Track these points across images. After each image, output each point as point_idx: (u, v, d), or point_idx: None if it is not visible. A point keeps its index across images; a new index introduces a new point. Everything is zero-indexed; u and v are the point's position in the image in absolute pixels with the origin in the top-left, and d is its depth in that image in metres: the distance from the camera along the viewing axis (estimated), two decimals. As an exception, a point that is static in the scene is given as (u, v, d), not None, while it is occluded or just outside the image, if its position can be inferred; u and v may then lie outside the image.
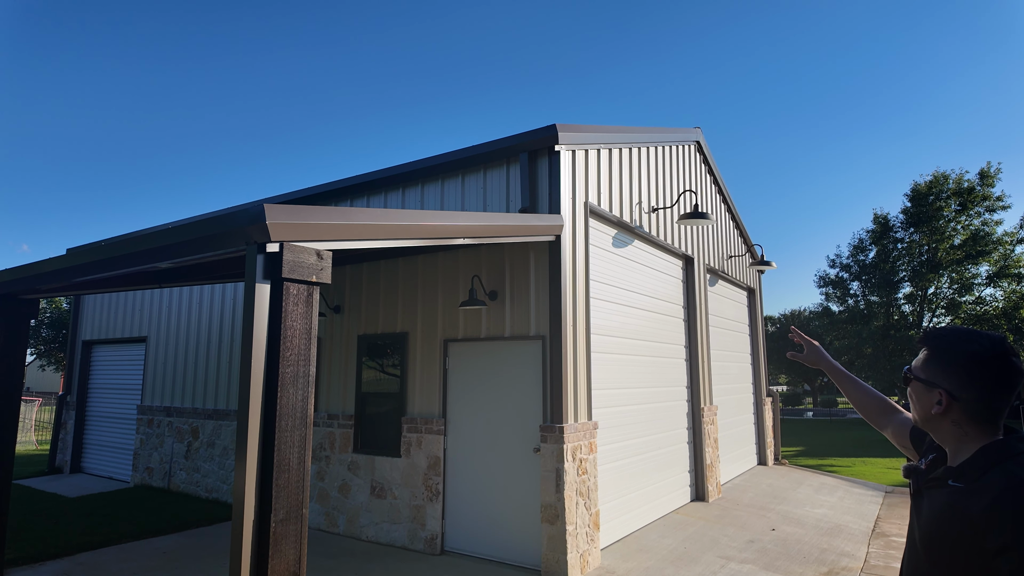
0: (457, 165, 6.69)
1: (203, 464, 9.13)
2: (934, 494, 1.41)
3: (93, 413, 11.60)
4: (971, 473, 1.35)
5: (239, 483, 2.85)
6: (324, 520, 7.24)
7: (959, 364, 1.39)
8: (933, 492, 1.42)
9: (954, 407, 1.39)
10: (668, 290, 8.77)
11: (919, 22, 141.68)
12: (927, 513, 1.41)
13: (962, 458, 1.39)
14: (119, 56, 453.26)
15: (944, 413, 1.41)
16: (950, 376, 1.40)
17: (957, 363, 1.40)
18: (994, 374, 1.36)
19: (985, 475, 1.32)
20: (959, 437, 1.41)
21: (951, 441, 1.43)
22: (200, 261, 3.80)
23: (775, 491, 9.88)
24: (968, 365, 1.38)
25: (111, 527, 7.35)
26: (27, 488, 9.94)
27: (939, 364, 1.43)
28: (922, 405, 1.46)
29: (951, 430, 1.42)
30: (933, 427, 1.46)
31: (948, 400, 1.39)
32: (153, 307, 10.53)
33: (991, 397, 1.36)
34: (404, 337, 6.96)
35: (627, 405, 7.20)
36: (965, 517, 1.30)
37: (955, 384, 1.39)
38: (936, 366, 1.44)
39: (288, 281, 3.04)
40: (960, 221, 22.42)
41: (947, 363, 1.41)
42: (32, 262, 4.48)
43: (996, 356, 1.36)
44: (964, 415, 1.39)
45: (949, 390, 1.39)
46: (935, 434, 1.47)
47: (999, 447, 1.35)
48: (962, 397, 1.38)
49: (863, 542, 7.15)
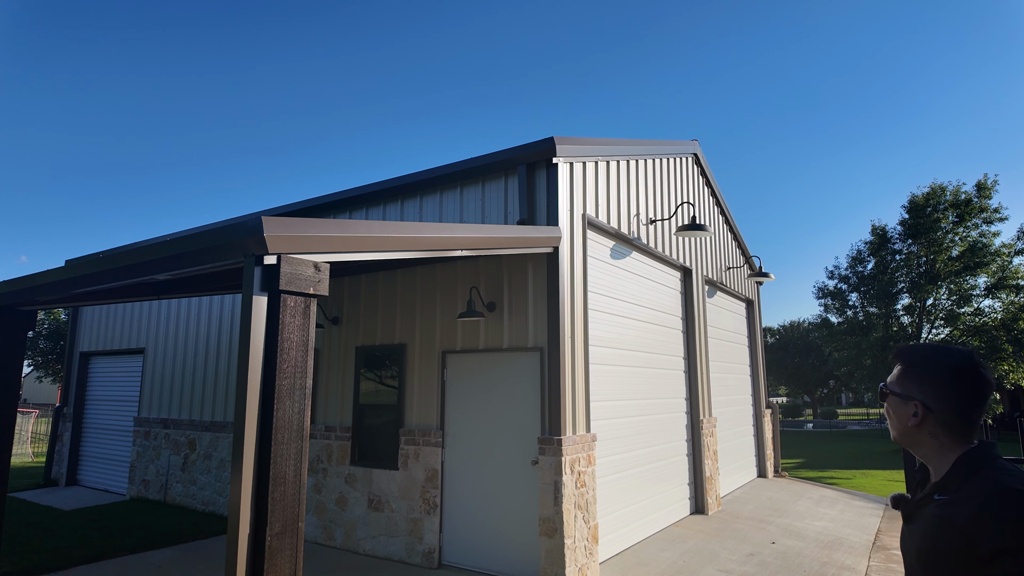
0: (455, 177, 6.72)
1: (200, 476, 9.07)
2: (924, 512, 1.43)
3: (90, 425, 11.55)
4: (953, 483, 1.38)
5: (234, 496, 2.84)
6: (321, 533, 7.19)
7: (933, 377, 1.44)
8: (924, 511, 1.44)
9: (929, 418, 1.43)
10: (666, 302, 8.78)
11: (916, 36, 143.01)
12: (920, 531, 1.43)
13: (943, 470, 1.43)
14: (118, 66, 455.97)
15: (920, 425, 1.45)
16: (925, 389, 1.44)
17: (931, 376, 1.44)
18: (967, 385, 1.40)
19: (966, 483, 1.35)
20: (937, 449, 1.44)
21: (931, 454, 1.46)
22: (198, 273, 3.80)
23: (775, 504, 9.83)
24: (942, 377, 1.42)
25: (106, 541, 7.29)
26: (22, 501, 9.86)
27: (914, 378, 1.47)
28: (899, 418, 1.49)
29: (929, 442, 1.45)
30: (912, 441, 1.49)
31: (924, 412, 1.43)
32: (151, 319, 10.52)
33: (966, 407, 1.40)
34: (402, 348, 6.95)
35: (626, 417, 7.17)
36: (954, 527, 1.31)
37: (930, 396, 1.43)
38: (911, 380, 1.48)
39: (285, 293, 3.04)
40: (958, 233, 22.48)
41: (922, 376, 1.46)
42: (30, 274, 4.48)
43: (968, 368, 1.41)
44: (940, 426, 1.42)
45: (924, 402, 1.43)
46: (915, 448, 1.50)
47: (975, 454, 1.39)
48: (937, 408, 1.42)
49: (864, 555, 7.10)
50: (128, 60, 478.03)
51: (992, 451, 1.39)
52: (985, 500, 1.29)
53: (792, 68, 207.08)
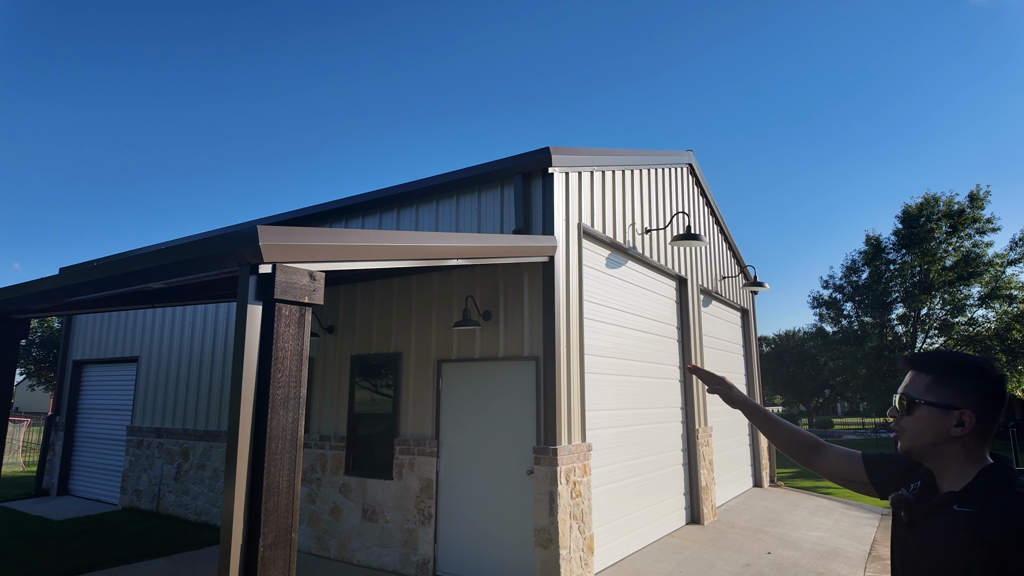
0: (452, 186, 6.74)
1: (193, 486, 9.01)
2: (938, 521, 1.38)
3: (82, 434, 11.46)
4: (980, 497, 1.34)
5: (227, 506, 2.82)
6: (315, 544, 7.13)
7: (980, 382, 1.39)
8: (936, 519, 1.39)
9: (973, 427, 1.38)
10: (662, 311, 8.80)
11: (910, 48, 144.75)
12: (933, 543, 1.38)
13: (963, 482, 1.39)
14: (114, 74, 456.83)
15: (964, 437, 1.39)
16: (970, 397, 1.39)
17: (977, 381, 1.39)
18: (1002, 392, 1.39)
19: (994, 497, 1.32)
20: (963, 460, 1.40)
21: (954, 465, 1.41)
22: (193, 281, 3.80)
23: (771, 514, 9.81)
24: (984, 385, 1.39)
25: (97, 551, 7.22)
26: (12, 511, 9.76)
27: (954, 386, 1.41)
28: (934, 429, 1.41)
29: (958, 453, 1.40)
30: (940, 453, 1.43)
31: (973, 420, 1.37)
32: (145, 327, 10.47)
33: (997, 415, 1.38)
34: (397, 357, 6.94)
35: (621, 426, 7.16)
36: (983, 542, 1.28)
37: (976, 404, 1.38)
38: (951, 388, 1.41)
39: (280, 302, 3.04)
40: (951, 243, 22.63)
41: (962, 381, 1.40)
42: (24, 282, 4.46)
43: (1000, 376, 1.39)
44: (977, 436, 1.39)
45: (972, 411, 1.38)
46: (936, 459, 1.44)
47: (1000, 468, 1.37)
48: (983, 417, 1.38)
49: (860, 566, 7.08)
50: (124, 67, 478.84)
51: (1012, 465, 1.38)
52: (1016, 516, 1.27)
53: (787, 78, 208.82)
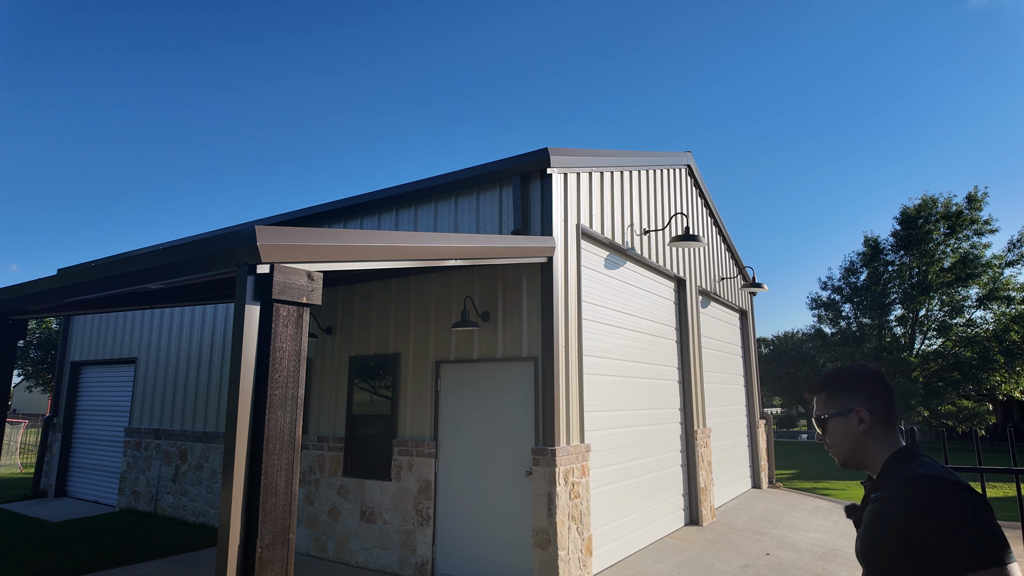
0: (450, 187, 6.74)
1: (191, 488, 8.99)
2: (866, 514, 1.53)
3: (80, 435, 11.44)
4: (885, 481, 1.51)
5: (225, 507, 2.82)
6: (313, 545, 7.12)
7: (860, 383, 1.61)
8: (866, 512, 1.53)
9: (871, 420, 1.58)
10: (660, 312, 8.80)
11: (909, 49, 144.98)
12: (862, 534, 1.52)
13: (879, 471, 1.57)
14: (112, 74, 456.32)
15: (868, 429, 1.58)
16: (859, 395, 1.60)
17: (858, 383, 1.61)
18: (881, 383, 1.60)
19: (892, 479, 1.49)
20: (879, 453, 1.57)
21: (874, 460, 1.58)
22: (191, 282, 3.80)
23: (769, 515, 9.81)
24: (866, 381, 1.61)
25: (95, 553, 7.20)
26: (10, 512, 9.74)
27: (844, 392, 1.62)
28: (846, 435, 1.61)
29: (872, 447, 1.58)
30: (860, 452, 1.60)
31: (867, 414, 1.58)
32: (143, 328, 10.46)
33: (890, 403, 1.59)
34: (396, 358, 6.93)
35: (620, 427, 7.16)
36: (884, 520, 1.43)
37: (865, 399, 1.59)
38: (842, 395, 1.62)
39: (278, 302, 3.03)
40: (949, 244, 22.67)
41: (851, 388, 1.62)
42: (22, 282, 4.45)
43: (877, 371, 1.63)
44: (880, 427, 1.58)
45: (864, 406, 1.58)
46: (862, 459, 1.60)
47: (902, 452, 1.54)
48: (875, 408, 1.58)
49: (858, 567, 7.08)
50: (123, 67, 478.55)
51: (913, 449, 1.53)
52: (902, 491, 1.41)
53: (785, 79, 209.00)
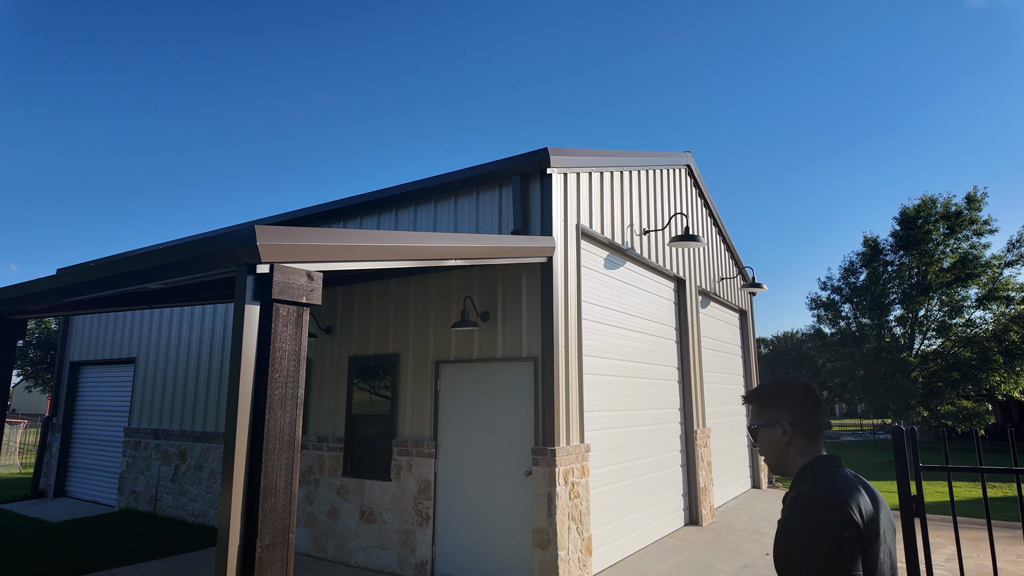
0: (450, 187, 6.74)
1: (190, 488, 8.98)
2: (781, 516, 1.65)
3: (79, 435, 11.43)
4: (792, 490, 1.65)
5: (224, 507, 2.81)
6: (312, 545, 7.12)
7: (784, 398, 1.73)
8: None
9: (793, 432, 1.70)
10: (660, 312, 8.80)
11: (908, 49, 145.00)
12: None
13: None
14: (112, 75, 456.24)
15: (790, 441, 1.71)
16: (783, 409, 1.73)
17: (782, 397, 1.73)
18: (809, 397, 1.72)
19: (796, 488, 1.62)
20: (797, 463, 1.70)
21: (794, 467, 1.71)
22: (191, 282, 3.80)
23: (769, 515, 9.80)
24: (789, 396, 1.73)
25: (94, 554, 7.20)
26: (9, 512, 9.73)
27: (771, 406, 1.75)
28: (772, 445, 1.74)
29: (794, 457, 1.71)
30: (785, 460, 1.73)
31: (789, 427, 1.71)
32: (143, 328, 10.45)
33: (812, 415, 1.71)
34: (395, 358, 6.93)
35: (620, 427, 7.16)
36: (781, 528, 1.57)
37: (788, 413, 1.72)
38: (770, 409, 1.75)
39: (278, 302, 3.03)
40: (948, 244, 22.65)
41: (776, 402, 1.74)
42: (21, 282, 4.45)
43: (803, 384, 1.74)
44: (801, 437, 1.70)
45: (786, 419, 1.71)
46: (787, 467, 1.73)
47: (811, 463, 1.67)
48: (796, 420, 1.71)
49: (858, 567, 7.08)
50: (122, 68, 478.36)
51: (821, 461, 1.64)
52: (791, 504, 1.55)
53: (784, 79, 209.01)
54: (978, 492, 13.65)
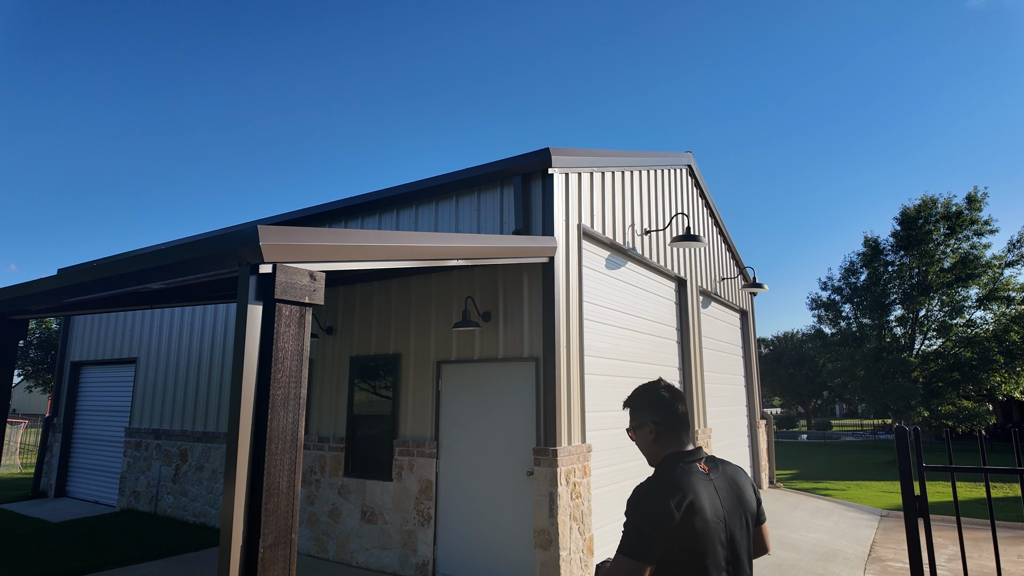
0: (451, 187, 6.74)
1: (191, 488, 8.98)
2: None
3: (80, 435, 11.43)
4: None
5: (227, 507, 2.81)
6: (314, 545, 7.12)
7: (645, 401, 2.02)
8: None
9: (657, 429, 1.98)
10: (661, 312, 8.80)
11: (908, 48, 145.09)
12: None
13: None
14: (113, 74, 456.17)
15: (656, 437, 1.98)
16: (647, 411, 2.01)
17: (644, 401, 2.03)
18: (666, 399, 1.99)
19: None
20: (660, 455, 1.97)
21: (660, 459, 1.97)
22: (192, 282, 3.79)
23: (770, 515, 9.80)
24: (652, 399, 2.01)
25: (95, 554, 7.19)
26: (9, 513, 9.73)
27: (638, 409, 2.05)
28: (644, 442, 2.02)
29: (660, 452, 1.97)
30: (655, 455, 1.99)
31: (654, 426, 1.98)
32: (143, 328, 10.45)
33: (667, 414, 1.97)
34: (397, 359, 6.92)
35: (621, 428, 7.16)
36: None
37: (651, 415, 2.00)
38: (638, 412, 2.05)
39: (281, 302, 3.02)
40: (949, 245, 22.64)
41: (640, 405, 2.04)
42: (23, 282, 4.45)
43: (664, 387, 2.02)
44: (664, 434, 1.97)
45: (651, 420, 2.00)
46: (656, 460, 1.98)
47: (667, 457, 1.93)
48: (657, 420, 1.98)
49: (859, 567, 7.08)
50: (123, 67, 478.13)
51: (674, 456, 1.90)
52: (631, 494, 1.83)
53: (786, 79, 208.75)
54: (979, 492, 13.63)
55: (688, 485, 1.78)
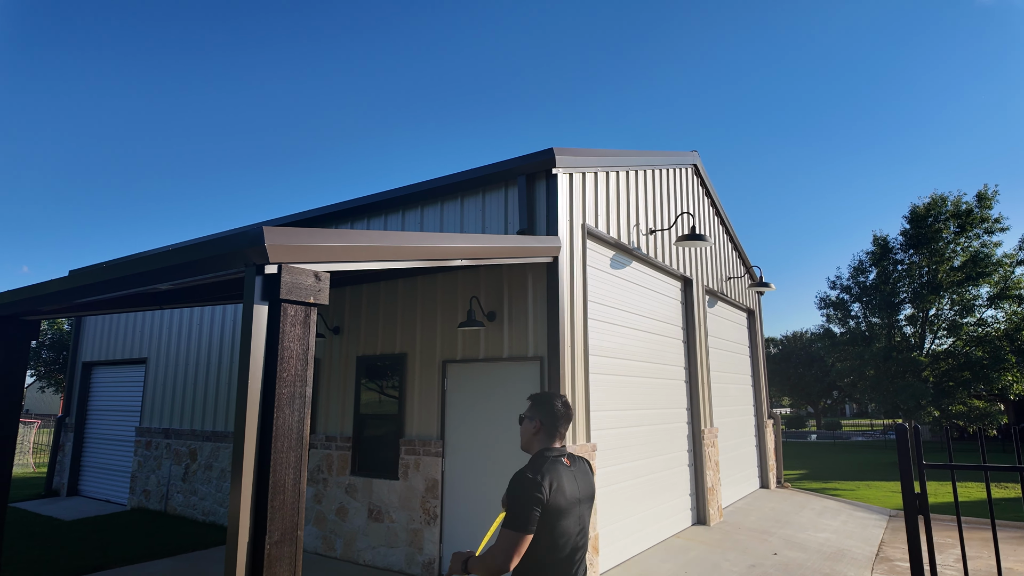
0: (456, 188, 6.77)
1: (200, 487, 9.07)
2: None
3: (91, 435, 11.56)
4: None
5: (234, 504, 2.85)
6: (321, 544, 7.17)
7: (543, 406, 2.56)
8: None
9: (541, 427, 2.54)
10: (667, 311, 8.79)
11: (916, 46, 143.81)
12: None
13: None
14: (121, 76, 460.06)
15: (537, 432, 2.54)
16: (538, 411, 2.57)
17: (543, 403, 2.57)
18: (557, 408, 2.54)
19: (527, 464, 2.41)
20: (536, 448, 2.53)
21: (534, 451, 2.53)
22: (200, 283, 3.84)
23: (777, 515, 9.77)
24: (547, 404, 2.56)
25: (106, 551, 7.29)
26: (23, 511, 9.86)
27: (534, 407, 2.59)
28: (527, 431, 2.57)
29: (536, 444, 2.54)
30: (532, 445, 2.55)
31: (539, 424, 2.54)
32: (153, 329, 10.56)
33: (556, 421, 2.53)
34: (403, 358, 6.97)
35: (626, 427, 7.17)
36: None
37: (540, 415, 2.55)
38: (533, 408, 2.59)
39: (286, 302, 3.07)
40: (959, 243, 22.44)
41: (538, 404, 2.58)
42: (35, 283, 4.52)
43: (558, 400, 2.57)
44: (543, 433, 2.53)
45: (539, 419, 2.55)
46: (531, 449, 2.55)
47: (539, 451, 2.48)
48: (544, 421, 2.53)
49: (867, 567, 7.05)
50: (131, 70, 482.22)
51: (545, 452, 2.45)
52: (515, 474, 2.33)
53: (793, 77, 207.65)
54: (992, 493, 13.52)
55: (554, 472, 2.33)
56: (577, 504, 2.36)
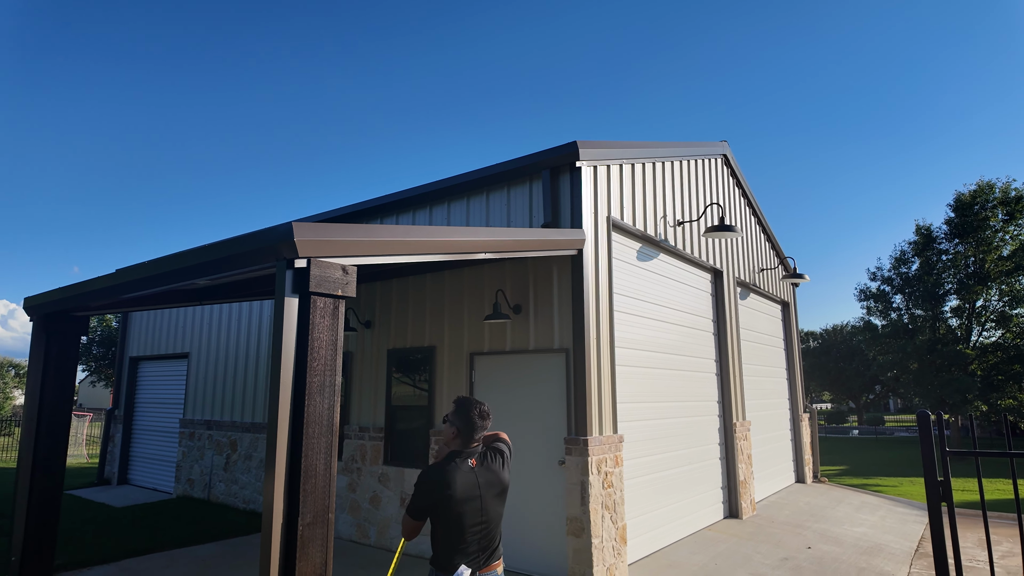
0: (481, 183, 6.85)
1: (241, 476, 9.41)
2: None
3: (139, 427, 12.09)
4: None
5: (268, 488, 2.99)
6: (355, 531, 7.38)
7: (465, 411, 2.97)
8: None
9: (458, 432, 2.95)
10: (697, 303, 8.72)
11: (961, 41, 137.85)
12: None
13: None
14: (153, 81, 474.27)
15: (454, 437, 2.96)
16: (460, 418, 2.96)
17: (464, 411, 2.97)
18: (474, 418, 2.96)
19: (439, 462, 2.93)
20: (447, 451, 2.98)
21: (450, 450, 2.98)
22: (235, 278, 4.01)
23: (813, 509, 9.62)
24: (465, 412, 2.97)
25: (154, 536, 7.64)
26: (77, 498, 10.39)
27: (455, 412, 2.99)
28: (446, 434, 3.00)
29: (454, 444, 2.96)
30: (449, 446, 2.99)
31: (457, 430, 2.95)
32: (194, 324, 10.96)
33: (471, 428, 2.94)
34: (432, 351, 7.10)
35: (654, 419, 7.16)
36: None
37: (459, 421, 2.96)
38: (455, 413, 2.99)
39: (315, 295, 3.19)
40: (1008, 231, 21.54)
41: (459, 410, 2.98)
42: (82, 280, 4.78)
43: (469, 404, 3.00)
44: (460, 436, 2.95)
45: (456, 424, 2.97)
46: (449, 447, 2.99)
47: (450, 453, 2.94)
48: (460, 427, 2.95)
49: (905, 562, 6.91)
50: (162, 73, 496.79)
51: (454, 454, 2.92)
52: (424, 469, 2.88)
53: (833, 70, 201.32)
54: None
55: (452, 473, 2.80)
56: (476, 498, 2.84)
